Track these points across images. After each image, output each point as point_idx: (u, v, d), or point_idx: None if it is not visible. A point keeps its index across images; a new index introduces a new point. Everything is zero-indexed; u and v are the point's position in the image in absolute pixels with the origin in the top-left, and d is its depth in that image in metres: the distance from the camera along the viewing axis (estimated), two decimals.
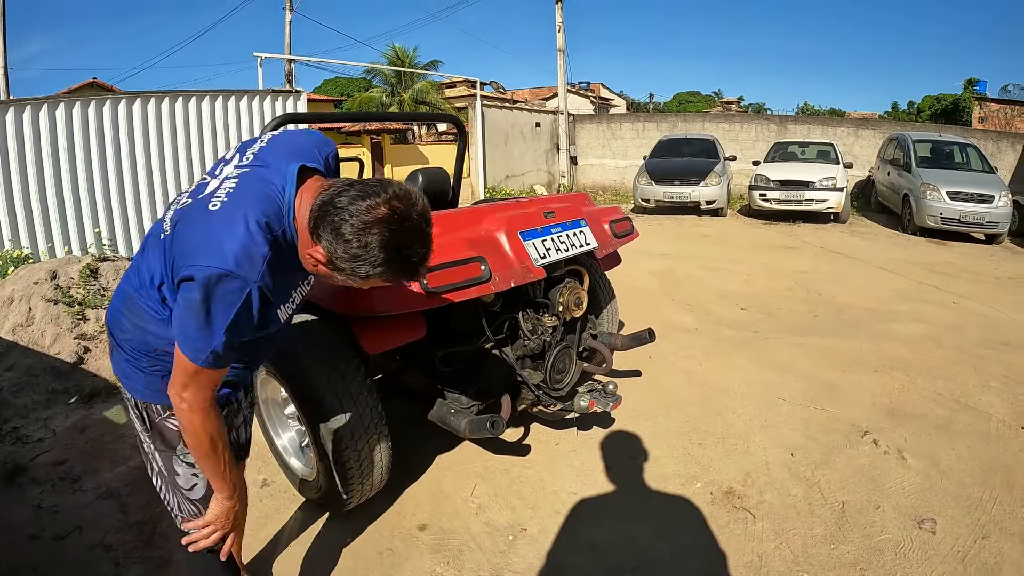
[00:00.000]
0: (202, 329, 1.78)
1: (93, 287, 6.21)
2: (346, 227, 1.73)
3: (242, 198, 1.86)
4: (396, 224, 1.76)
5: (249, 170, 1.96)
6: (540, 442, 4.35)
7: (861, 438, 4.40)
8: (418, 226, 1.83)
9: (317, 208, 1.78)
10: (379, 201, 1.75)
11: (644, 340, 4.47)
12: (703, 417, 4.72)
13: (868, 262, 10.94)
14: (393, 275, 1.85)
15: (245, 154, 2.03)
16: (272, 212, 1.86)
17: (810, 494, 3.74)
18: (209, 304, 1.76)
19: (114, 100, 9.61)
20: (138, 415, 2.21)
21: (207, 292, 1.74)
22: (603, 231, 4.12)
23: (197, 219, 1.85)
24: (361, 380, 3.13)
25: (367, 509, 3.55)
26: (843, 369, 5.71)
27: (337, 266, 1.81)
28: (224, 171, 2.00)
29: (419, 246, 1.86)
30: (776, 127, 21.89)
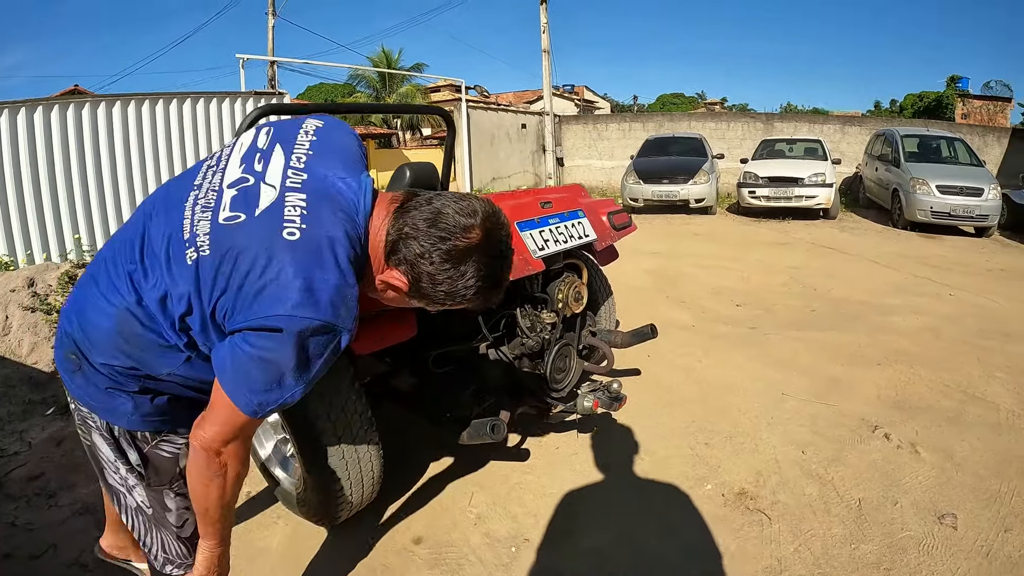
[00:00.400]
0: (276, 384, 1.59)
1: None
2: (436, 254, 1.61)
3: (324, 223, 1.63)
4: (491, 248, 1.67)
5: (314, 182, 1.71)
6: (539, 446, 4.16)
7: (872, 433, 4.26)
8: (508, 247, 1.76)
9: (400, 231, 1.65)
10: (474, 223, 1.63)
11: (646, 336, 4.26)
12: (707, 415, 4.56)
13: (861, 256, 10.89)
14: (482, 301, 1.75)
15: (290, 158, 1.76)
16: (355, 238, 1.67)
17: (825, 492, 3.59)
18: (296, 357, 1.56)
19: (93, 103, 9.50)
20: (112, 444, 1.93)
21: (299, 345, 1.55)
22: (601, 223, 3.95)
23: (273, 249, 1.57)
24: (349, 384, 2.93)
25: (358, 522, 3.36)
26: (845, 363, 5.58)
27: (422, 293, 1.70)
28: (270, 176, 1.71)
29: (508, 268, 1.77)
30: (763, 125, 21.89)
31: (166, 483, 1.98)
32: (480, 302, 1.73)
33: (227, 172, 1.76)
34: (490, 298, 1.75)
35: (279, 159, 1.75)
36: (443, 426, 3.28)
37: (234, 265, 1.57)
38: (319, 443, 2.81)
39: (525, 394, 3.67)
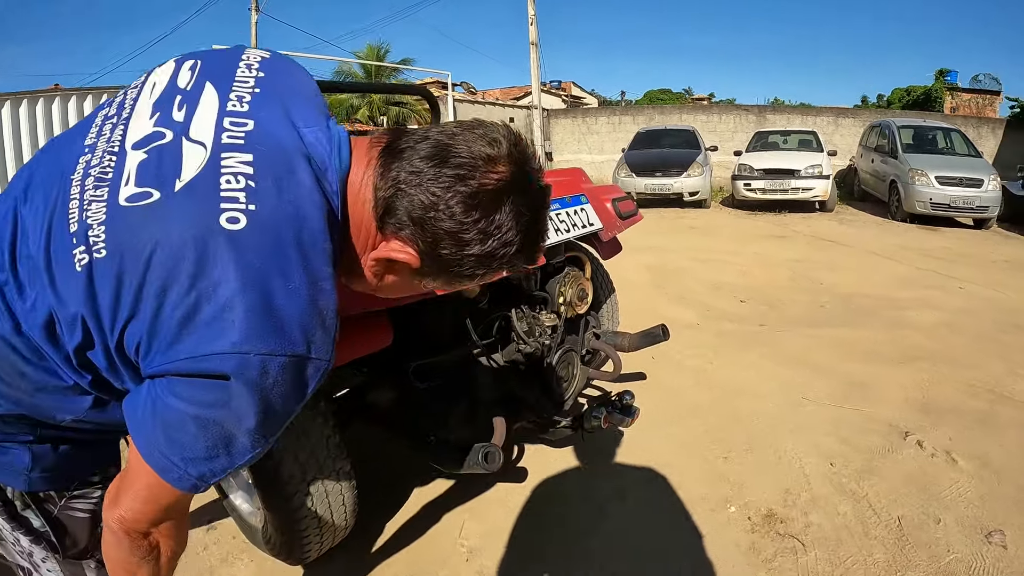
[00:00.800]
0: (224, 448, 1.10)
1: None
2: (456, 202, 1.12)
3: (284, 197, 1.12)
4: (527, 185, 1.19)
5: (263, 134, 1.18)
6: (539, 464, 3.72)
7: (903, 440, 3.89)
8: (543, 191, 1.25)
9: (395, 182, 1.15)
10: (499, 154, 1.15)
11: (657, 338, 3.80)
12: (723, 424, 4.14)
13: (863, 249, 10.59)
14: (525, 260, 1.25)
15: (227, 101, 1.21)
16: (330, 215, 1.18)
17: (861, 511, 3.20)
18: (251, 413, 1.07)
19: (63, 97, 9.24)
20: (5, 509, 1.40)
21: (256, 396, 1.06)
22: (606, 210, 3.50)
23: (205, 247, 1.05)
24: (312, 404, 2.48)
25: (331, 560, 2.93)
26: (864, 361, 5.20)
27: (442, 265, 1.20)
28: (197, 129, 1.16)
29: (547, 210, 1.30)
30: (755, 118, 21.68)
31: (86, 552, 1.47)
32: (524, 262, 1.24)
33: (131, 125, 1.20)
34: (534, 255, 1.26)
35: (210, 103, 1.20)
36: (426, 452, 2.83)
37: (145, 274, 1.05)
38: (276, 475, 2.36)
39: (523, 409, 3.22)
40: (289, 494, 2.39)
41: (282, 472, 2.35)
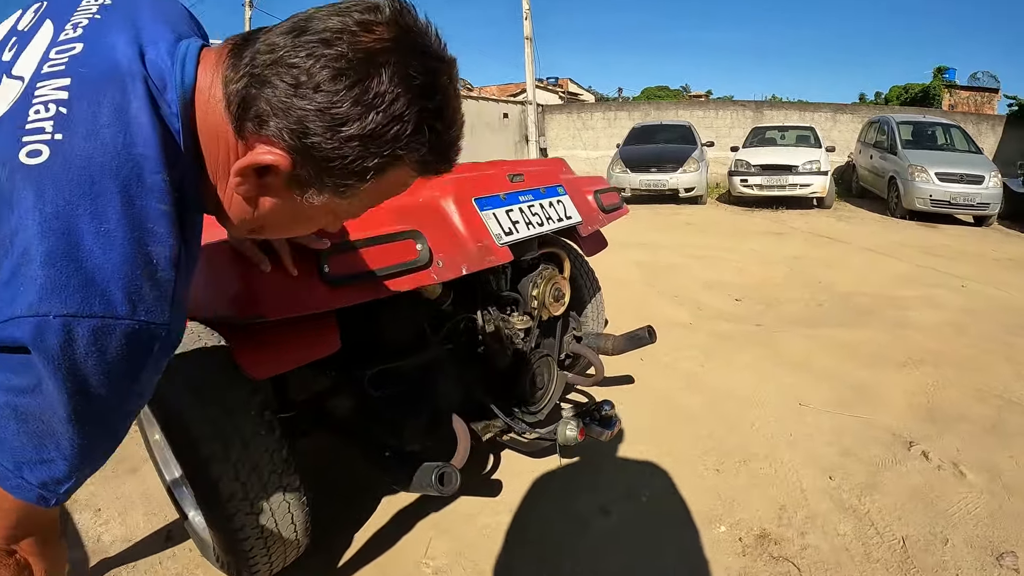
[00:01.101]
0: (52, 445, 0.90)
1: None
2: (322, 69, 0.90)
3: (100, 123, 0.90)
4: (418, 45, 0.96)
5: (91, 56, 0.98)
6: (515, 476, 3.45)
7: (908, 450, 3.63)
8: (444, 60, 1.01)
9: (250, 70, 0.93)
10: (377, 19, 0.93)
11: (643, 341, 3.54)
12: (715, 433, 3.87)
13: (862, 246, 10.33)
14: (424, 149, 1.00)
15: (61, 31, 1.02)
16: (168, 140, 0.96)
17: (862, 530, 2.94)
18: (61, 391, 0.86)
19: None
20: None
21: (64, 369, 0.84)
22: (587, 203, 3.22)
23: (1, 191, 0.89)
24: (256, 415, 2.24)
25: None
26: (866, 364, 4.93)
27: (319, 160, 0.95)
28: (22, 64, 0.99)
29: (456, 100, 1.04)
30: (752, 113, 21.48)
31: None
32: (429, 152, 1.01)
33: None
34: (443, 145, 1.04)
35: (43, 38, 1.02)
36: (381, 467, 2.55)
37: None
38: (215, 493, 2.11)
39: (492, 420, 2.94)
40: (230, 513, 2.15)
41: (221, 490, 2.10)
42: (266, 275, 1.75)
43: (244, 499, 2.15)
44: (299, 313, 1.83)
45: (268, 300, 1.77)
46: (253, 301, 1.75)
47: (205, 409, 2.13)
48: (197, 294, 1.83)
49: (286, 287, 1.80)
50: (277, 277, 1.77)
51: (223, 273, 1.78)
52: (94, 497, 3.33)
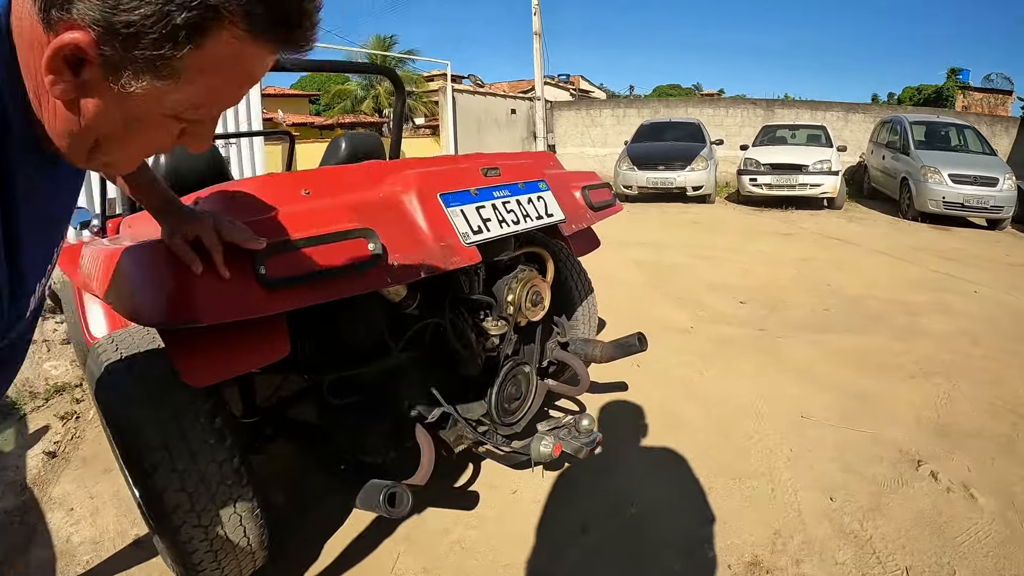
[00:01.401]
0: None
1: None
2: None
3: None
4: None
5: None
6: (492, 488, 3.25)
7: (916, 470, 3.41)
8: None
9: None
10: None
11: (633, 348, 3.31)
12: (710, 446, 3.65)
13: (872, 249, 10.04)
14: (251, 18, 0.84)
15: None
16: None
17: (863, 559, 2.72)
18: None
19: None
20: None
21: None
22: (573, 200, 3.00)
23: None
24: (205, 422, 2.07)
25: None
26: (873, 374, 4.70)
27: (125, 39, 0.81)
28: None
29: None
30: (763, 112, 21.14)
31: None
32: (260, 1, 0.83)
33: None
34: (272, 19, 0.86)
35: None
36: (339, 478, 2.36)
37: None
38: (162, 503, 2.00)
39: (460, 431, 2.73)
40: (176, 525, 2.02)
41: (166, 501, 1.98)
42: (199, 277, 1.59)
43: (191, 511, 2.03)
44: (235, 318, 1.65)
45: (201, 304, 1.60)
46: (185, 305, 1.59)
47: (151, 415, 2.01)
48: (129, 298, 1.67)
49: (220, 290, 1.62)
50: (211, 279, 1.60)
51: (154, 275, 1.63)
52: (68, 496, 3.27)
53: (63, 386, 4.64)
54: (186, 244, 1.58)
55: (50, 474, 3.54)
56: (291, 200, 2.01)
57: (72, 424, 4.12)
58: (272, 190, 2.02)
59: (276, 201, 1.97)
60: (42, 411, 4.34)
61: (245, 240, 1.64)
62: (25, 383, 4.65)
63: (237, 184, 2.01)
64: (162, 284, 1.60)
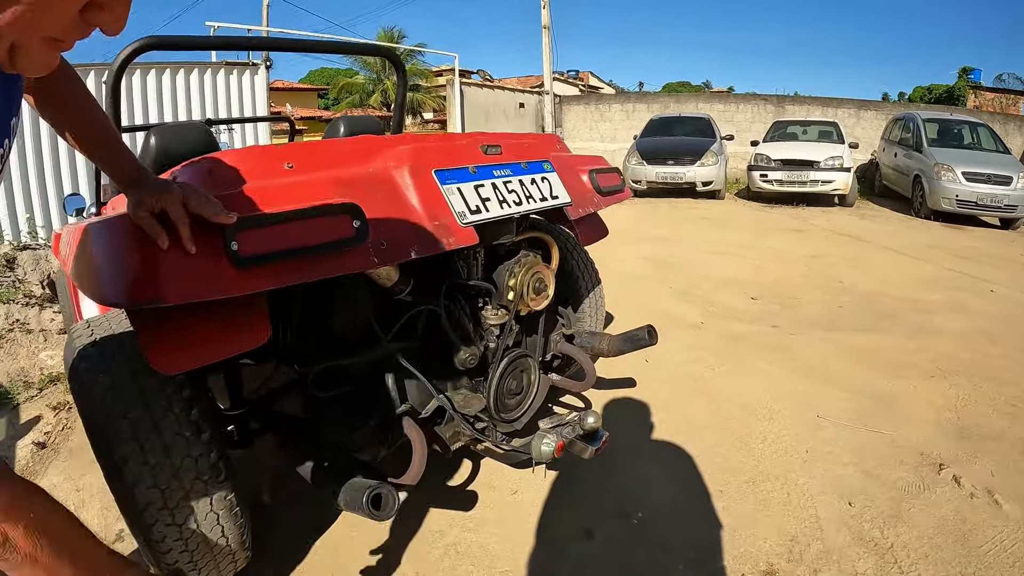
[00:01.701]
0: None
1: (7, 279, 5.73)
2: None
3: None
4: None
5: None
6: (491, 488, 3.09)
7: (937, 474, 3.23)
8: None
9: None
10: None
11: (643, 342, 3.13)
12: (722, 447, 3.49)
13: (885, 246, 9.86)
14: None
15: None
16: None
17: (884, 569, 2.55)
18: None
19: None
20: None
21: None
22: (580, 183, 2.81)
23: None
24: (181, 414, 1.93)
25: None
26: (890, 374, 4.52)
27: None
28: None
29: None
30: (774, 108, 20.95)
31: None
32: None
33: None
34: None
35: None
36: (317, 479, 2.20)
37: None
38: (132, 498, 1.86)
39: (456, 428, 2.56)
40: (148, 523, 1.88)
41: (137, 497, 1.84)
42: (164, 253, 1.44)
43: (163, 508, 1.89)
44: (203, 297, 1.48)
45: (166, 282, 1.43)
46: (149, 283, 1.43)
47: (121, 405, 1.87)
48: (91, 275, 1.54)
49: (188, 267, 1.47)
50: (177, 255, 1.46)
51: (116, 251, 1.50)
52: (54, 489, 3.16)
53: (58, 376, 4.56)
54: (152, 217, 1.45)
55: (38, 465, 3.45)
56: (272, 174, 1.84)
57: (64, 415, 4.03)
58: (252, 163, 1.85)
59: (256, 174, 1.81)
60: (35, 401, 4.27)
61: (215, 214, 1.49)
62: (20, 372, 4.60)
63: (215, 156, 1.84)
64: (124, 260, 1.46)
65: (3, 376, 4.53)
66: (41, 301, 5.49)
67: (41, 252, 6.21)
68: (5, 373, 4.58)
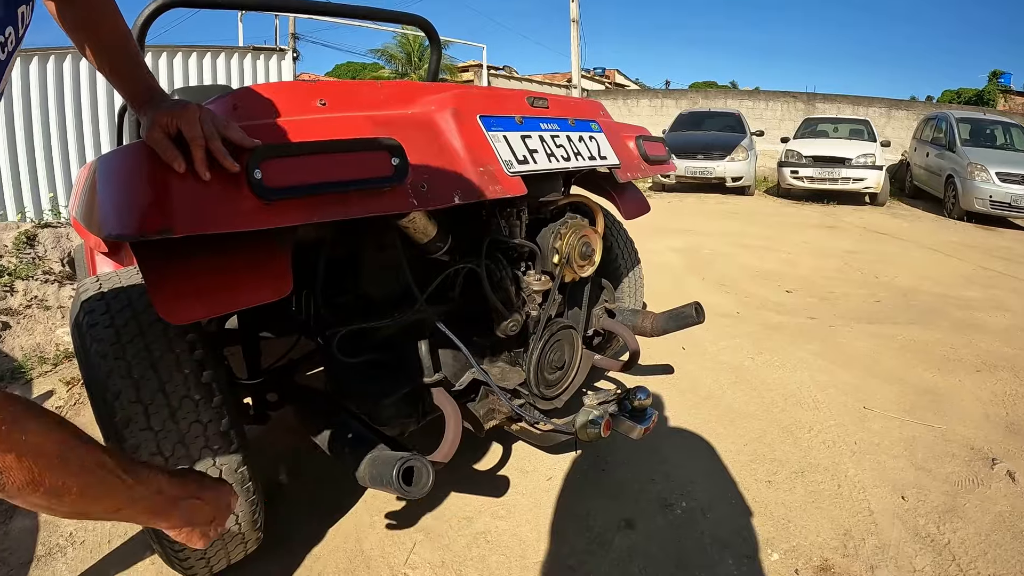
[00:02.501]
0: None
1: (27, 256, 5.66)
2: None
3: None
4: None
5: None
6: (524, 473, 2.93)
7: (991, 468, 3.05)
8: None
9: None
10: None
11: (690, 320, 2.96)
12: (767, 436, 3.32)
13: (919, 244, 9.65)
14: None
15: None
16: None
17: (942, 566, 2.38)
18: None
19: (76, 55, 8.90)
20: None
21: None
22: (627, 148, 2.63)
23: None
24: (191, 375, 1.78)
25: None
26: (936, 368, 4.34)
27: None
28: None
29: None
30: (803, 105, 20.72)
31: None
32: None
33: None
34: None
35: None
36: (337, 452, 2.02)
37: None
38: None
39: (492, 404, 2.39)
40: None
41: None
42: (179, 179, 1.28)
43: None
44: (220, 229, 1.29)
45: (179, 211, 1.25)
46: (158, 211, 1.25)
47: (125, 362, 1.73)
48: (96, 207, 1.37)
49: (204, 195, 1.29)
50: (193, 181, 1.29)
51: (124, 176, 1.34)
52: None
53: (73, 352, 4.46)
54: (167, 138, 1.29)
55: None
56: (303, 109, 1.68)
57: (77, 390, 3.95)
58: (282, 97, 1.68)
59: (285, 109, 1.65)
60: (49, 376, 4.21)
61: (240, 138, 1.33)
62: (36, 348, 4.54)
63: (242, 89, 1.68)
64: (132, 186, 1.30)
65: (19, 351, 4.49)
66: (60, 278, 5.44)
67: (62, 231, 6.15)
68: (21, 348, 4.53)
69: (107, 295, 1.88)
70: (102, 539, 2.52)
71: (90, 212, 1.42)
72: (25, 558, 2.43)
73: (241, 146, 1.33)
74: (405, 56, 35.49)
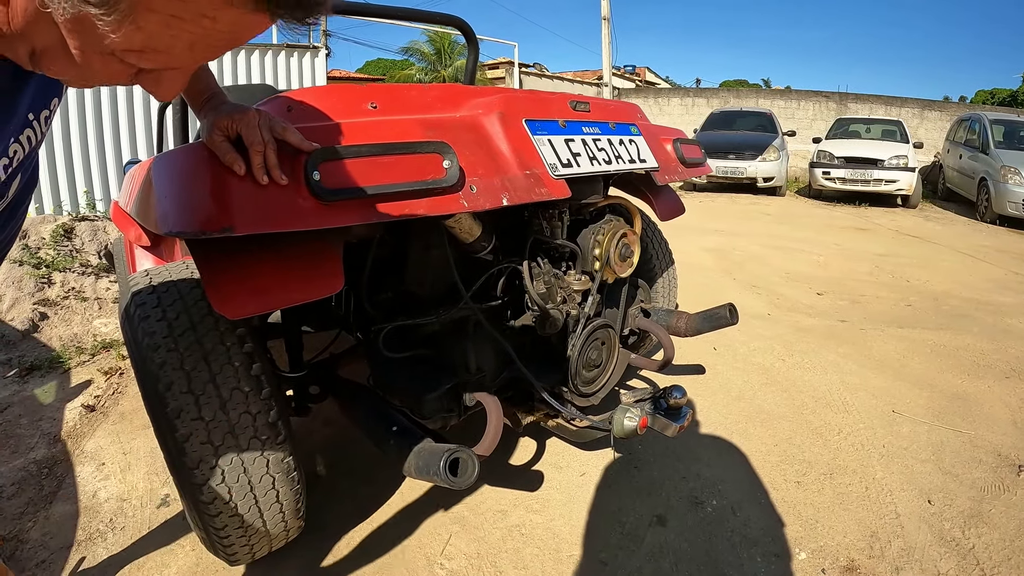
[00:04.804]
0: None
1: (65, 248, 5.82)
2: None
3: None
4: None
5: None
6: (558, 468, 2.98)
7: (1017, 475, 3.06)
8: None
9: None
10: None
11: (723, 321, 3.00)
12: (796, 437, 3.35)
13: (952, 248, 9.54)
14: None
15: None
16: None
17: (966, 570, 2.40)
18: None
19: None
20: None
21: None
22: (664, 151, 2.67)
23: None
24: (241, 368, 1.84)
25: (272, 566, 2.30)
26: (966, 373, 4.33)
27: None
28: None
29: None
30: (836, 105, 20.59)
31: None
32: None
33: None
34: None
35: None
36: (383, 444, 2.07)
37: None
38: (181, 456, 1.77)
39: (533, 399, 2.44)
40: (198, 482, 1.79)
41: (189, 453, 1.75)
42: (240, 180, 1.34)
43: (215, 467, 1.79)
44: (280, 229, 1.35)
45: (239, 210, 1.32)
46: (220, 210, 1.31)
47: (178, 354, 1.78)
48: (155, 204, 1.42)
49: (264, 196, 1.36)
50: (253, 183, 1.36)
51: (185, 177, 1.39)
52: (101, 451, 3.17)
53: (111, 343, 4.60)
54: (227, 141, 1.35)
55: (86, 427, 3.42)
56: (356, 112, 1.74)
57: (115, 380, 4.02)
58: (334, 101, 1.74)
59: (338, 112, 1.70)
60: (87, 366, 4.28)
61: (298, 141, 1.39)
62: (73, 338, 4.64)
63: (294, 93, 1.73)
64: (194, 186, 1.36)
65: (56, 341, 4.59)
66: (97, 271, 5.55)
67: (99, 224, 6.31)
68: (59, 338, 4.63)
69: (158, 288, 1.94)
70: (142, 524, 2.59)
71: (146, 209, 1.47)
72: (65, 542, 2.50)
73: (300, 149, 1.39)
74: (435, 53, 35.49)
